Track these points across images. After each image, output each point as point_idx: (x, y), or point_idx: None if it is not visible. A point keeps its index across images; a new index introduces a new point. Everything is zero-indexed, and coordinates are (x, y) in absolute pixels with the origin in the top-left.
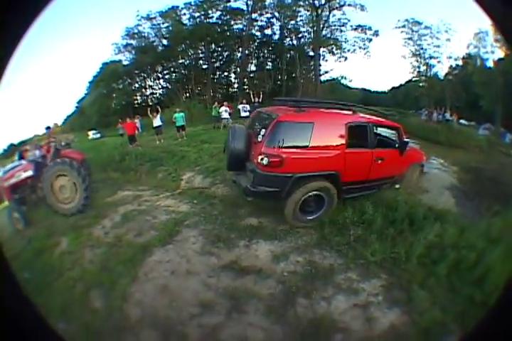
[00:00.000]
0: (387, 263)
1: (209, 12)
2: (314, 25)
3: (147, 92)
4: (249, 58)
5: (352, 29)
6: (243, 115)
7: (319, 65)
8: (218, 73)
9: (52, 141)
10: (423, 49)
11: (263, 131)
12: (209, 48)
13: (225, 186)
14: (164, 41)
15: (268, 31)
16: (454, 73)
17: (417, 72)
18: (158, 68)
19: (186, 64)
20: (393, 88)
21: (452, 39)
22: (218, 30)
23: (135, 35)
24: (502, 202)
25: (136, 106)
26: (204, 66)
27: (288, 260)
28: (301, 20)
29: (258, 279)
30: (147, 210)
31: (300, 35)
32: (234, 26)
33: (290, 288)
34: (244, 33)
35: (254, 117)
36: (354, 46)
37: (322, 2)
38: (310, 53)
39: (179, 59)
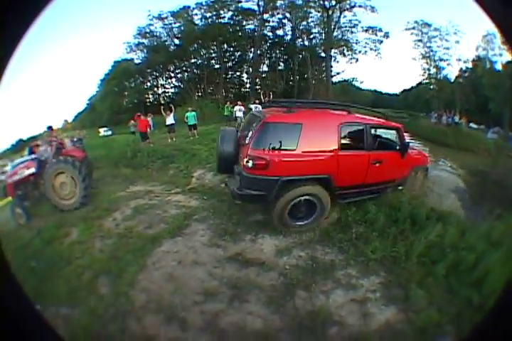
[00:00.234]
0: (387, 261)
1: (221, 12)
2: (325, 26)
3: (159, 91)
4: (261, 58)
5: (363, 30)
6: None
7: (331, 66)
8: (230, 73)
9: (54, 140)
10: (433, 51)
11: (250, 133)
12: (221, 48)
13: None
14: (176, 41)
15: (280, 32)
16: (464, 76)
17: (428, 75)
18: (170, 67)
19: (198, 63)
20: (404, 90)
21: (461, 41)
22: (230, 30)
23: (147, 34)
24: (505, 206)
25: (148, 104)
26: (216, 66)
27: (291, 254)
28: (312, 21)
29: (261, 271)
30: (158, 205)
31: (311, 36)
32: (246, 26)
33: (291, 281)
34: (256, 34)
35: (247, 119)
36: (365, 48)
37: (332, 3)
38: (321, 54)
39: (191, 58)
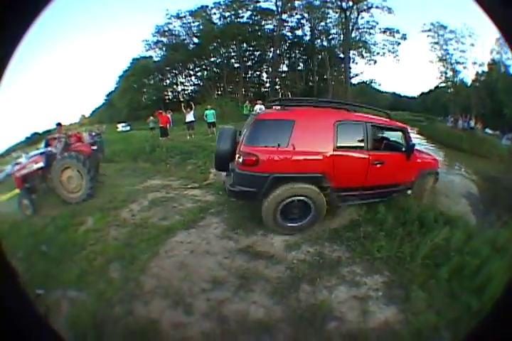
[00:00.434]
0: (391, 261)
1: (239, 12)
2: (343, 27)
3: (178, 88)
4: (280, 58)
5: (380, 32)
6: None
7: (349, 68)
8: (250, 72)
9: (61, 136)
10: (449, 54)
11: (245, 131)
12: (241, 47)
13: None
14: (195, 39)
15: (299, 32)
16: (480, 79)
17: (445, 78)
18: (189, 65)
19: (218, 62)
20: (423, 93)
21: (476, 44)
22: (249, 29)
23: (165, 32)
24: None
25: (167, 101)
26: (236, 65)
27: (299, 249)
28: (330, 22)
29: (269, 264)
30: (174, 198)
31: (330, 36)
32: (265, 26)
33: (297, 274)
34: (275, 34)
35: (248, 119)
36: (383, 49)
37: (350, 4)
38: (340, 55)
39: (211, 57)
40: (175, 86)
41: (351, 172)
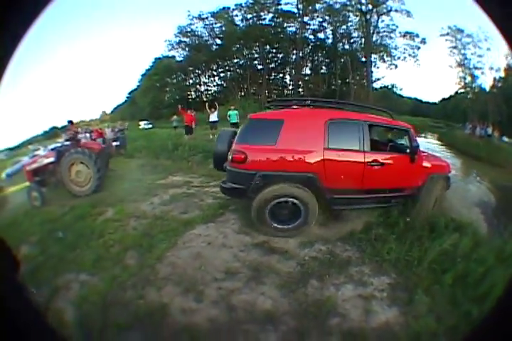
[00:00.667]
0: (400, 263)
1: (261, 14)
2: (364, 31)
3: (201, 88)
4: (303, 61)
5: (400, 36)
6: None
7: (371, 72)
8: (273, 74)
9: (73, 133)
10: (467, 59)
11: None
12: (264, 49)
13: None
14: (218, 41)
15: (321, 35)
16: (497, 85)
17: (464, 84)
18: (213, 66)
19: (241, 63)
20: (443, 99)
21: (492, 48)
22: (272, 31)
23: (188, 33)
24: None
25: (190, 101)
26: (259, 66)
27: (312, 247)
28: (351, 25)
29: (282, 259)
30: (195, 194)
31: (352, 40)
32: (287, 29)
33: (307, 270)
34: (297, 36)
35: None
36: (404, 54)
37: (369, 7)
38: (362, 59)
39: (234, 58)
40: (198, 86)
41: (345, 173)
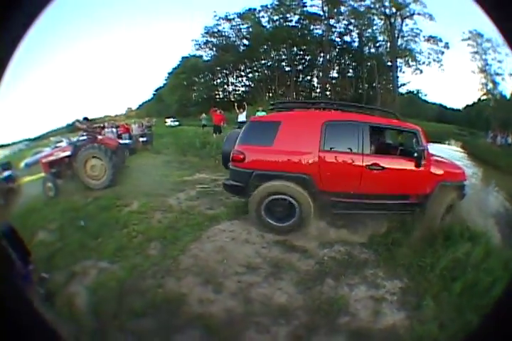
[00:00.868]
0: (413, 268)
1: (287, 16)
2: (389, 34)
3: (229, 88)
4: (330, 64)
5: (425, 40)
6: None
7: (397, 77)
8: (301, 76)
9: (90, 131)
10: (488, 64)
11: None
12: (291, 51)
13: None
14: (245, 41)
15: (347, 38)
16: None
17: (486, 90)
18: (240, 67)
19: (269, 65)
20: (467, 106)
21: (510, 53)
22: (298, 33)
23: (215, 33)
24: None
25: (217, 100)
26: (287, 68)
27: (332, 248)
28: (376, 28)
29: (302, 257)
30: (221, 191)
31: (377, 44)
32: (314, 31)
33: (324, 269)
34: (323, 39)
35: None
36: (429, 58)
37: (393, 11)
38: (388, 63)
39: (262, 59)
40: (226, 86)
41: (341, 175)
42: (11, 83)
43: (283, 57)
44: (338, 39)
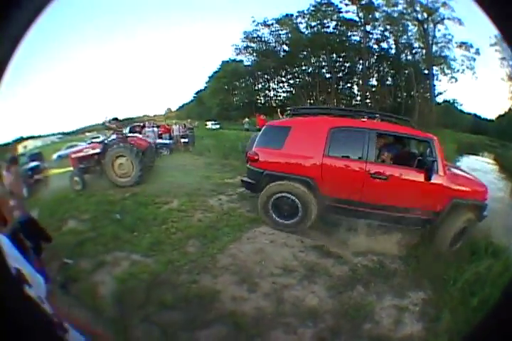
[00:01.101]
0: (437, 281)
1: (324, 22)
2: (423, 41)
3: (270, 94)
4: (369, 71)
5: (457, 46)
6: None
7: (433, 85)
8: (341, 84)
9: (119, 130)
10: None
11: None
12: (331, 58)
13: None
14: (285, 47)
15: (384, 45)
16: None
17: None
18: (281, 72)
19: (309, 71)
20: (499, 115)
21: None
22: (337, 40)
23: (254, 39)
24: None
25: (259, 105)
26: (327, 75)
27: (366, 257)
28: (411, 35)
29: (336, 263)
30: None
31: (414, 51)
32: (351, 37)
33: (356, 276)
34: (361, 45)
35: None
36: (462, 66)
37: (425, 16)
38: (425, 71)
39: (302, 65)
40: (267, 91)
41: (342, 181)
42: (51, 77)
43: (323, 63)
44: (376, 46)
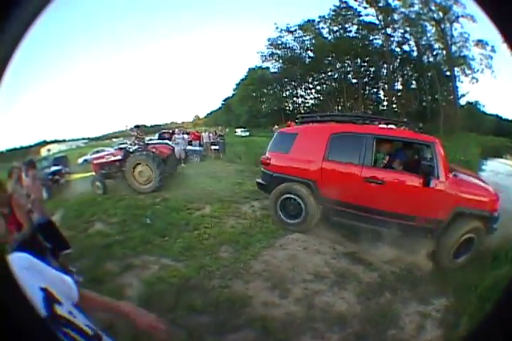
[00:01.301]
0: (460, 287)
1: (346, 26)
2: (442, 41)
3: (299, 101)
4: (394, 75)
5: (474, 44)
6: None
7: (456, 87)
8: (368, 89)
9: (141, 138)
10: None
11: None
12: (355, 63)
13: None
14: (310, 53)
15: (406, 47)
16: None
17: None
18: (308, 79)
19: (336, 77)
20: None
21: None
22: (360, 44)
23: (279, 45)
24: None
25: (287, 112)
26: (353, 80)
27: (394, 264)
28: (430, 36)
29: (366, 270)
30: None
31: (434, 52)
32: (374, 41)
33: (385, 283)
34: (384, 49)
35: None
36: (481, 65)
37: (441, 15)
38: (447, 73)
39: (328, 71)
40: (295, 98)
41: (339, 185)
42: (78, 82)
43: (348, 69)
44: (398, 49)
